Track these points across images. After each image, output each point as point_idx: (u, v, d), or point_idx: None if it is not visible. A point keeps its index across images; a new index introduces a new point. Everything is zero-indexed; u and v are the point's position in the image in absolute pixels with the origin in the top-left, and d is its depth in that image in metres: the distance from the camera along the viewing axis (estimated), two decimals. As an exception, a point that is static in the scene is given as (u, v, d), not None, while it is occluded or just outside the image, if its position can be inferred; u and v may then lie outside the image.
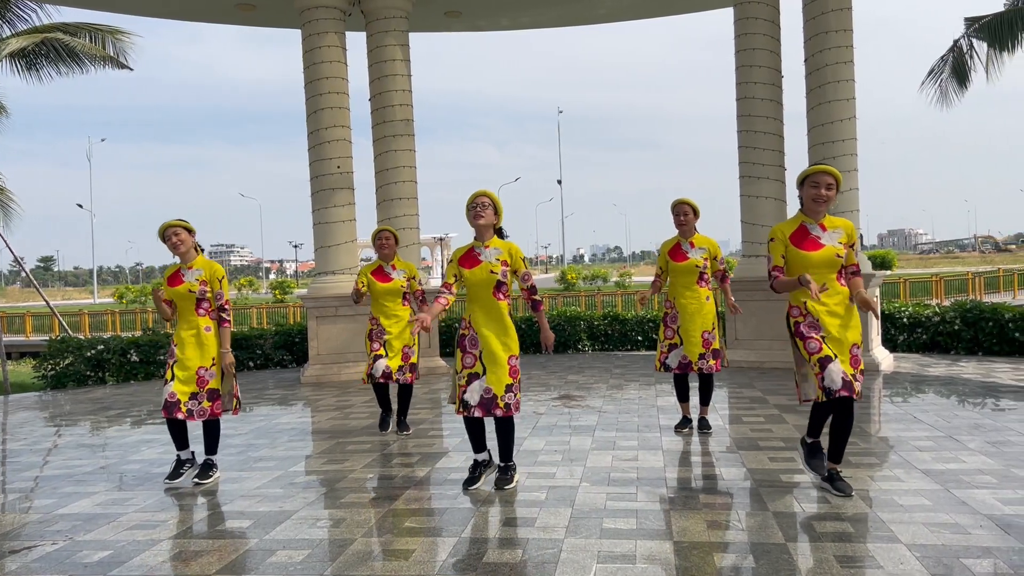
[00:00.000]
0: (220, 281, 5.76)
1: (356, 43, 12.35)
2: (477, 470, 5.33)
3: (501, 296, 5.19)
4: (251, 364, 13.36)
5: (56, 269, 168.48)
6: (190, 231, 5.78)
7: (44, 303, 16.53)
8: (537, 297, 5.31)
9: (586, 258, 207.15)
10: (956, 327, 11.77)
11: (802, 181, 4.82)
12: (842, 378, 4.59)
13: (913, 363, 10.88)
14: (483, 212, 5.20)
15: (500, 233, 5.33)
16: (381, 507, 4.92)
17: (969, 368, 10.23)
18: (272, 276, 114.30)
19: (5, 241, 15.26)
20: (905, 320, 12.21)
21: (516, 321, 14.08)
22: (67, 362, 12.33)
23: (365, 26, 11.94)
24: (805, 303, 4.77)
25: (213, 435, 5.86)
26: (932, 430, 6.56)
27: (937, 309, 12.21)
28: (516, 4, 12.79)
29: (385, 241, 7.17)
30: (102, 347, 12.37)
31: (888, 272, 28.06)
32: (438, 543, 4.22)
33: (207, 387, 5.69)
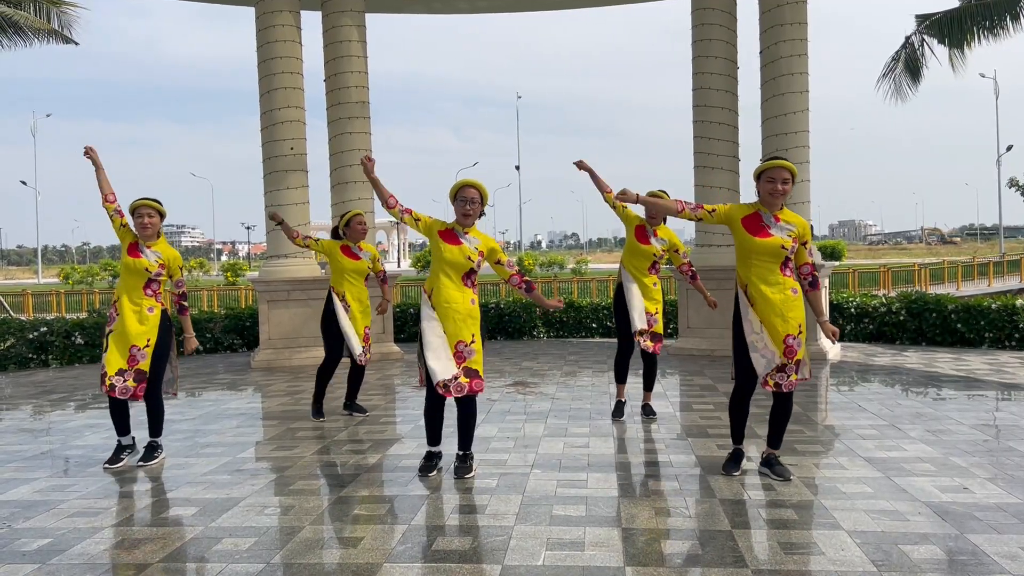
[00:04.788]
0: (180, 269, 5.87)
1: (312, 23, 12.16)
2: (432, 459, 5.29)
3: (469, 284, 5.13)
4: (200, 348, 13.12)
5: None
6: (162, 214, 5.82)
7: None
8: (528, 278, 5.27)
9: (543, 245, 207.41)
10: (901, 318, 12.06)
11: (759, 175, 4.89)
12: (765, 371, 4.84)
13: (859, 352, 11.12)
14: (473, 210, 5.12)
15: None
16: (331, 494, 4.88)
17: (913, 358, 10.49)
18: (224, 258, 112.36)
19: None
20: (852, 310, 12.47)
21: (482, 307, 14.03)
22: (8, 344, 11.97)
23: (321, 5, 11.73)
24: (747, 285, 4.89)
25: (157, 417, 5.84)
26: (876, 419, 6.71)
27: (883, 300, 12.49)
28: (475, -13, 12.70)
29: (364, 227, 7.16)
30: (45, 329, 12.04)
31: (837, 263, 28.59)
32: (388, 530, 4.20)
33: (136, 367, 5.61)
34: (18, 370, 11.83)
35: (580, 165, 6.76)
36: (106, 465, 5.64)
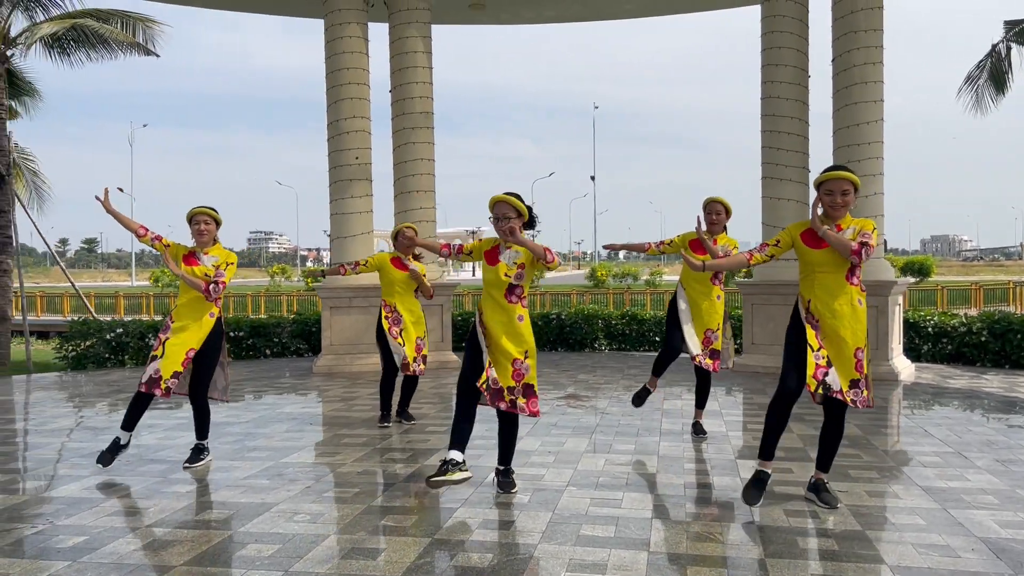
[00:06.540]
0: (228, 265, 5.86)
1: (379, 34, 12.34)
2: (445, 466, 5.17)
3: (515, 299, 4.97)
4: (268, 352, 13.44)
5: (100, 251, 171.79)
6: (218, 222, 5.95)
7: (70, 284, 16.82)
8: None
9: (621, 255, 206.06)
10: (983, 338, 11.42)
11: (818, 186, 4.72)
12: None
13: (935, 374, 10.59)
14: (503, 227, 4.93)
15: (532, 224, 5.14)
16: (361, 503, 4.87)
17: (993, 381, 9.93)
18: (309, 264, 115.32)
19: (33, 222, 15.56)
20: (930, 329, 11.89)
21: (532, 319, 13.98)
22: (88, 344, 12.50)
23: (388, 17, 11.90)
24: (810, 301, 4.69)
25: (203, 420, 5.91)
26: (941, 445, 6.35)
27: (963, 320, 11.87)
28: (540, -3, 12.66)
29: (410, 241, 7.17)
30: (121, 330, 12.53)
31: (912, 279, 27.19)
32: (410, 543, 4.16)
33: (188, 369, 5.78)
34: (96, 369, 12.33)
35: (610, 247, 6.98)
36: (98, 463, 5.66)
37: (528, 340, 5.00)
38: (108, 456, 5.70)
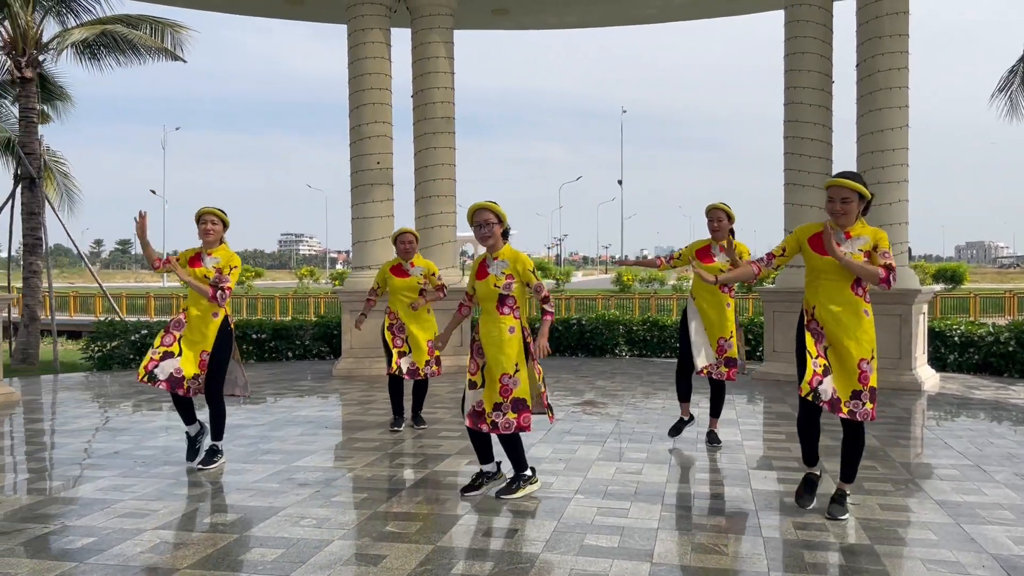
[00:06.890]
0: (232, 269, 5.92)
1: (402, 38, 12.39)
2: (479, 479, 5.23)
3: (506, 310, 5.01)
4: (290, 355, 13.54)
5: (133, 252, 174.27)
6: (225, 223, 6.02)
7: (98, 284, 17.12)
8: (548, 307, 5.07)
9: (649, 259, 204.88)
10: (1010, 348, 11.19)
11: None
12: (832, 395, 4.56)
13: (960, 384, 10.40)
14: (490, 234, 5.04)
15: (505, 235, 5.20)
16: (367, 508, 4.89)
17: (1020, 392, 9.72)
18: (339, 266, 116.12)
19: (63, 224, 15.83)
20: (956, 339, 11.68)
21: (554, 325, 13.94)
22: (114, 344, 12.68)
23: (410, 22, 11.96)
24: (814, 307, 4.65)
25: (218, 420, 6.02)
26: (960, 458, 6.23)
27: (991, 329, 11.65)
28: (562, 2, 12.65)
29: (409, 245, 7.25)
30: (146, 331, 12.69)
31: (939, 287, 26.61)
32: (412, 550, 4.16)
33: (205, 371, 5.90)
34: (121, 369, 12.50)
35: (624, 262, 7.06)
36: (189, 461, 6.00)
37: (518, 354, 4.98)
38: (192, 452, 6.04)
